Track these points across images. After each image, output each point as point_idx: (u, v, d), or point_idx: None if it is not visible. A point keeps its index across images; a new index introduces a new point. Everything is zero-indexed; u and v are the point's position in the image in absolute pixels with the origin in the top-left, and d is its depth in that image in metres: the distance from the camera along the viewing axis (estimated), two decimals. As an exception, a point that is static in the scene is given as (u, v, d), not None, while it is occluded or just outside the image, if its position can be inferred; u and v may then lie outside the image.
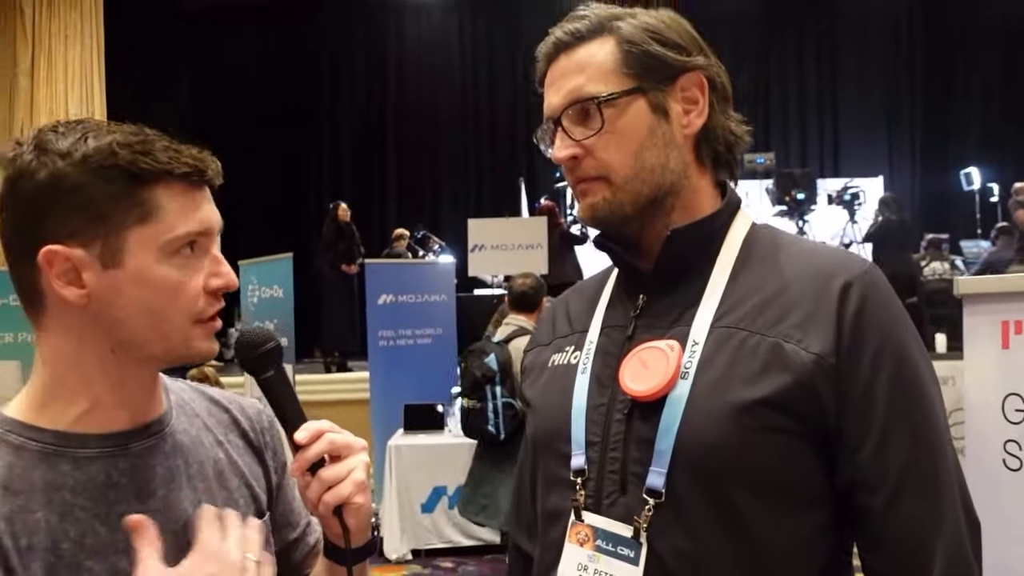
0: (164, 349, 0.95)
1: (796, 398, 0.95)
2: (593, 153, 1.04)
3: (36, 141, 0.92)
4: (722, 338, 0.99)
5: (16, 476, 0.89)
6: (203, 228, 0.95)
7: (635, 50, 1.04)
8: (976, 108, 14.08)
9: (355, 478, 0.95)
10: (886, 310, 0.99)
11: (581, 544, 1.01)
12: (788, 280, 1.01)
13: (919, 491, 0.95)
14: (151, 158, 0.91)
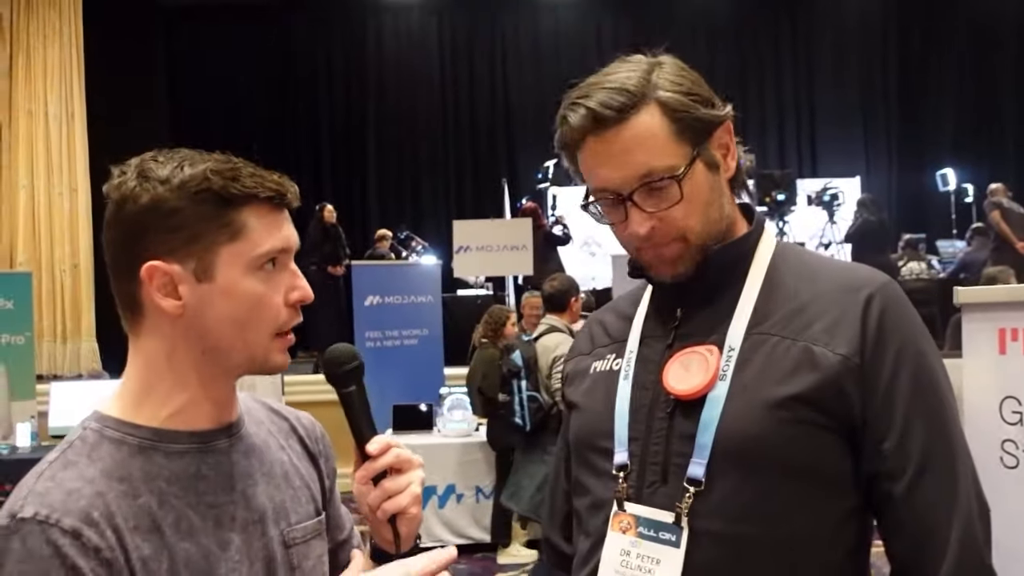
0: (246, 358, 1.04)
1: (825, 394, 1.04)
2: (671, 221, 1.10)
3: (139, 169, 1.02)
4: (756, 344, 1.09)
5: (118, 466, 0.98)
6: (284, 245, 1.05)
7: (683, 116, 1.11)
8: (951, 109, 14.28)
9: (413, 491, 1.04)
10: (904, 318, 1.09)
11: (623, 531, 1.09)
12: (816, 292, 1.11)
13: (936, 479, 1.04)
14: (239, 184, 1.01)
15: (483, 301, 9.57)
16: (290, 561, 1.07)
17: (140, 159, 1.04)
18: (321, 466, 1.20)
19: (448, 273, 8.93)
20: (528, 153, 13.07)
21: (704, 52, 14.21)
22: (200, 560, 0.98)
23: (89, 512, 0.93)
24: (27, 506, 0.92)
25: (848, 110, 14.42)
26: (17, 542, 0.90)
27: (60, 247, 10.43)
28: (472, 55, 13.91)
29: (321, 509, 1.16)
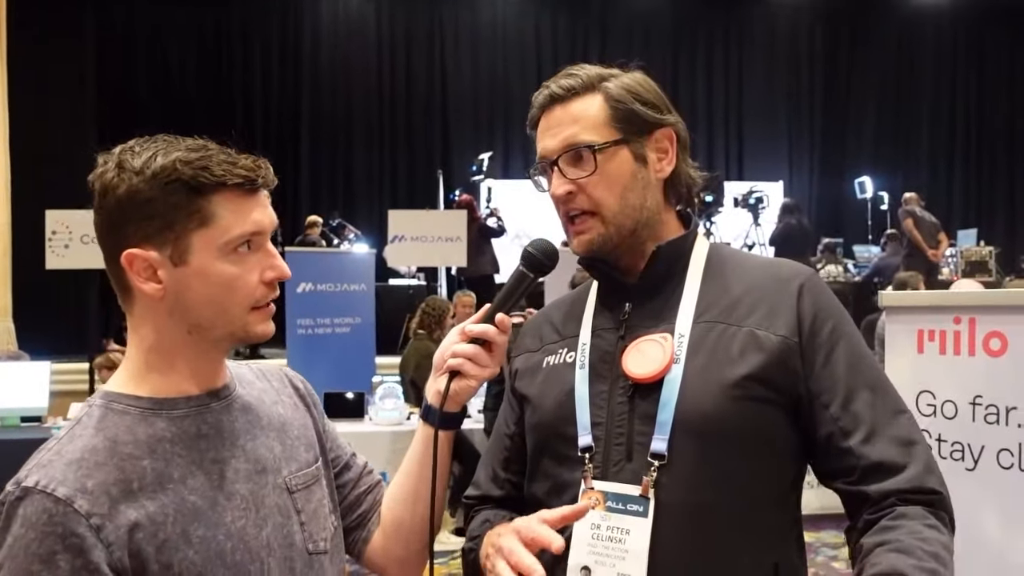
0: (228, 333, 1.12)
1: (772, 372, 1.18)
2: (585, 191, 1.25)
3: (118, 160, 1.09)
4: (704, 331, 1.22)
5: (123, 433, 1.07)
6: (256, 229, 1.11)
7: (621, 107, 1.25)
8: (871, 120, 14.88)
9: (483, 371, 1.24)
10: (831, 302, 1.25)
11: (593, 507, 1.18)
12: (751, 284, 1.25)
13: (889, 424, 1.17)
14: (208, 172, 1.07)
15: (415, 291, 9.60)
16: (294, 505, 1.16)
17: (120, 148, 1.10)
18: (313, 412, 1.30)
19: (380, 262, 8.92)
20: (463, 145, 13.11)
21: (639, 53, 14.26)
22: (207, 510, 1.07)
23: (84, 482, 1.01)
24: (31, 476, 1.01)
25: (774, 117, 14.88)
26: (21, 508, 0.99)
27: (-25, 223, 10.08)
28: (410, 45, 13.84)
29: (319, 455, 1.25)
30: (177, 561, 1.03)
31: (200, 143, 1.11)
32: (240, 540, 1.08)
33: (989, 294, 1.65)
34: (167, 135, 1.12)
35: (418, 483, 1.26)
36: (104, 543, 0.99)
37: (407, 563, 1.31)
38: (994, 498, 1.50)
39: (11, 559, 0.97)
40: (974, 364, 1.54)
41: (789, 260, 1.35)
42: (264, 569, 1.10)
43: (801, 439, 1.21)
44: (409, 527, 1.29)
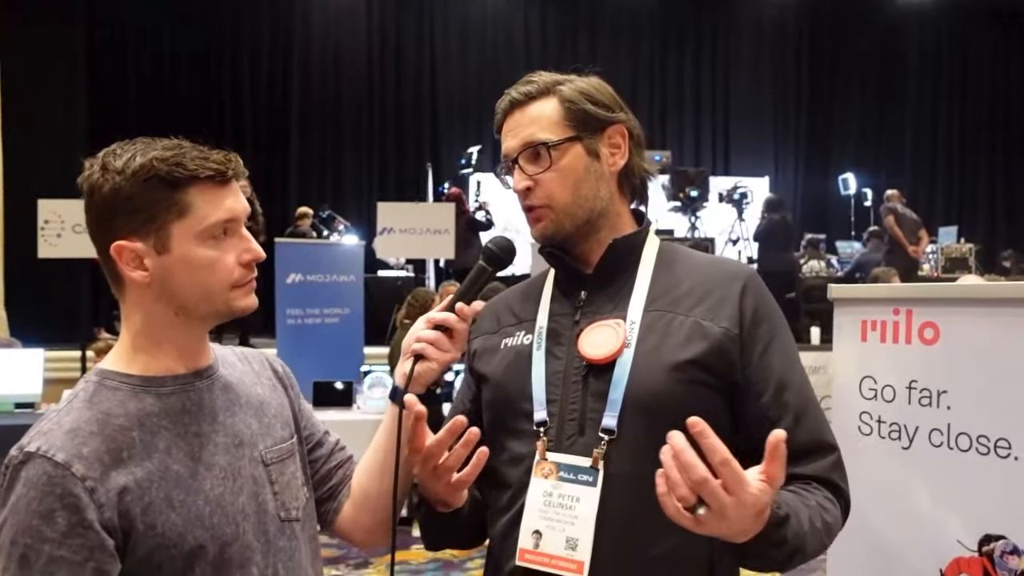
0: (212, 311, 1.24)
1: (713, 359, 1.30)
2: (542, 185, 1.37)
3: (102, 162, 1.21)
4: (654, 318, 1.34)
5: (115, 407, 1.19)
6: (230, 216, 1.23)
7: (574, 108, 1.38)
8: (855, 117, 15.05)
9: (444, 355, 1.36)
10: (769, 302, 1.38)
11: (545, 477, 1.30)
12: (698, 279, 1.38)
13: (809, 414, 1.33)
14: (182, 167, 1.19)
15: (403, 282, 9.70)
16: (268, 476, 1.29)
17: (104, 152, 1.22)
18: (290, 393, 1.42)
19: (369, 254, 9.02)
20: (452, 138, 13.20)
21: (628, 48, 14.58)
22: (188, 478, 1.19)
23: (80, 448, 1.14)
24: (33, 443, 1.14)
25: (761, 113, 15.02)
26: (24, 471, 1.12)
27: (-33, 212, 10.12)
28: (400, 37, 13.89)
29: (294, 432, 1.38)
30: (160, 522, 1.15)
31: (175, 142, 1.22)
32: (218, 505, 1.20)
33: (924, 288, 1.80)
34: (145, 137, 1.23)
35: (386, 458, 1.37)
36: (96, 504, 1.11)
37: (373, 531, 1.42)
38: (926, 474, 1.63)
39: (14, 515, 1.10)
40: (910, 351, 1.67)
41: (733, 259, 1.50)
42: (239, 532, 1.22)
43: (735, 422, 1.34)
44: (376, 498, 1.40)
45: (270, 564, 1.25)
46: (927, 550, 1.61)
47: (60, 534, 1.09)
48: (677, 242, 10.61)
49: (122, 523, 1.13)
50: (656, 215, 11.85)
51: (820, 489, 1.29)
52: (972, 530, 1.55)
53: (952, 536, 1.57)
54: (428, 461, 1.27)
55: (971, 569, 1.54)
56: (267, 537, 1.26)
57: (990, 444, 1.52)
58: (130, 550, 1.13)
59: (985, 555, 1.52)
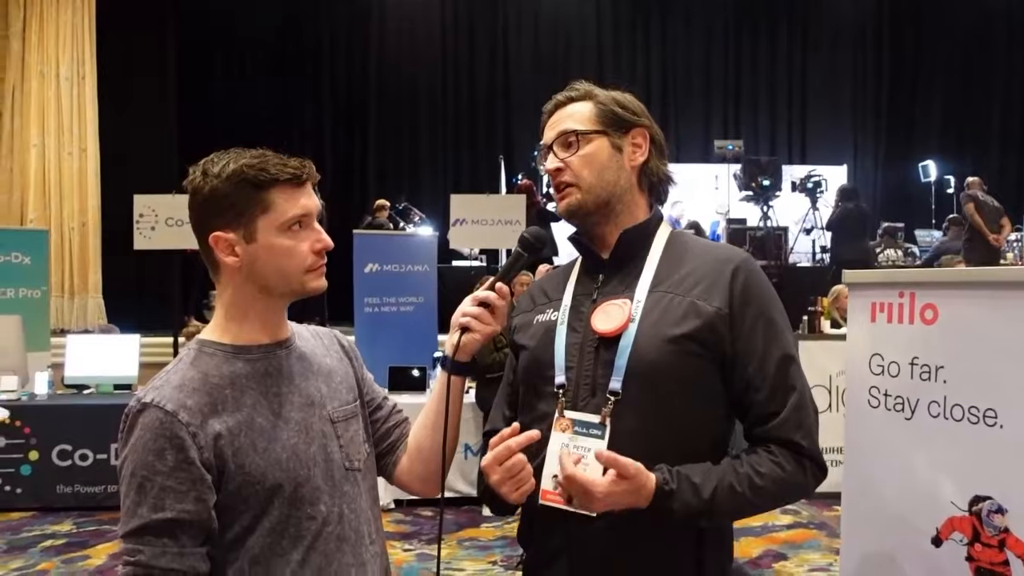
0: (289, 290, 1.49)
1: (704, 333, 1.50)
2: (570, 166, 1.60)
3: (202, 168, 1.47)
4: (657, 299, 1.55)
5: (212, 369, 1.45)
6: (304, 212, 1.47)
7: (605, 108, 1.62)
8: (939, 103, 14.60)
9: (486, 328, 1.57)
10: (758, 283, 1.56)
11: (563, 431, 1.53)
12: (697, 264, 1.58)
13: (783, 385, 1.51)
14: (266, 172, 1.45)
15: (476, 272, 9.94)
16: (335, 432, 1.53)
17: (204, 160, 1.47)
18: (354, 364, 1.67)
19: (443, 244, 9.28)
20: (525, 131, 13.35)
21: (700, 37, 14.52)
22: (270, 429, 1.44)
23: (185, 401, 1.39)
24: (147, 395, 1.41)
25: (838, 99, 14.72)
26: (141, 417, 1.38)
27: (69, 205, 10.77)
28: (473, 31, 14.15)
29: (357, 397, 1.62)
30: (247, 463, 1.40)
31: (260, 152, 1.47)
32: (293, 452, 1.44)
33: (926, 273, 1.92)
34: (237, 148, 1.49)
35: (437, 417, 1.61)
36: (197, 445, 1.36)
37: (428, 481, 1.67)
38: (925, 442, 1.75)
39: (133, 452, 1.36)
40: (913, 331, 1.78)
41: (727, 245, 1.69)
42: (310, 475, 1.46)
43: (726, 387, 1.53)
44: (429, 450, 1.64)
45: (336, 504, 1.49)
46: (925, 510, 1.75)
47: (169, 468, 1.34)
48: (749, 231, 10.68)
49: (217, 462, 1.38)
50: (728, 204, 11.85)
51: (771, 451, 1.49)
52: (964, 492, 1.68)
53: (947, 498, 1.70)
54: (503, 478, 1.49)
55: (962, 527, 1.67)
56: (333, 482, 1.49)
57: (980, 414, 1.65)
58: (223, 485, 1.38)
59: (974, 514, 1.65)
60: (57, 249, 10.38)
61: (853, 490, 2.00)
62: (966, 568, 1.68)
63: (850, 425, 1.99)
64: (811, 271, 10.92)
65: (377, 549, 1.58)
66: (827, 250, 11.22)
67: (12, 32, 10.78)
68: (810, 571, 4.92)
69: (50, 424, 6.16)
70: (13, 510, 6.06)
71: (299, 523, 1.44)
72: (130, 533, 1.35)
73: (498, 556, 5.20)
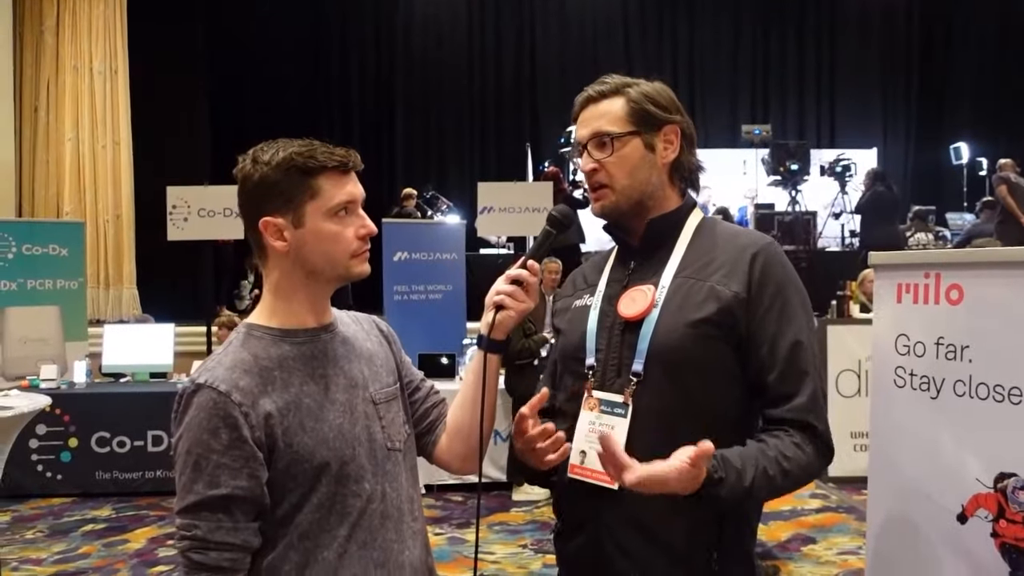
0: (335, 275, 1.53)
1: (723, 317, 1.55)
2: (605, 168, 1.64)
3: (252, 156, 1.51)
4: (680, 284, 1.60)
5: (261, 352, 1.50)
6: (350, 198, 1.51)
7: (637, 108, 1.64)
8: (969, 84, 14.38)
9: (520, 304, 1.59)
10: (777, 267, 1.59)
11: (591, 409, 1.60)
12: (720, 250, 1.62)
13: (795, 368, 1.54)
14: (314, 159, 1.49)
15: (504, 260, 9.98)
16: (377, 413, 1.58)
17: (253, 149, 1.51)
18: (393, 348, 1.71)
19: (471, 232, 9.32)
20: (551, 118, 13.36)
21: (729, 22, 14.41)
22: (317, 409, 1.49)
23: (237, 382, 1.44)
24: (201, 376, 1.46)
25: (868, 82, 14.55)
26: (196, 398, 1.43)
27: (103, 198, 10.93)
28: (500, 19, 14.16)
29: (397, 379, 1.67)
30: (296, 442, 1.45)
31: (307, 141, 1.51)
32: (339, 432, 1.49)
33: (951, 253, 1.93)
34: (283, 139, 1.53)
35: (474, 394, 1.65)
36: (249, 424, 1.41)
37: (467, 459, 1.70)
38: (950, 421, 1.77)
39: (188, 431, 1.42)
40: (938, 311, 1.80)
41: (754, 231, 1.73)
42: (355, 454, 1.50)
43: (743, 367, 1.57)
44: (467, 428, 1.68)
45: (379, 482, 1.53)
46: (950, 488, 1.77)
47: (223, 446, 1.40)
48: (777, 216, 10.62)
49: (268, 441, 1.43)
50: (757, 189, 11.79)
51: (791, 434, 1.52)
52: (989, 469, 1.70)
53: (972, 475, 1.73)
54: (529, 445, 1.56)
55: (988, 503, 1.69)
56: (376, 461, 1.54)
57: (1005, 392, 1.67)
58: (273, 463, 1.43)
59: (999, 491, 1.67)
60: (92, 241, 10.52)
61: (879, 469, 2.02)
62: (991, 544, 1.71)
63: (876, 405, 2.01)
64: (840, 256, 10.85)
65: (418, 527, 1.62)
66: (856, 234, 11.14)
67: (46, 27, 10.95)
68: (839, 554, 4.93)
69: (89, 412, 6.30)
70: (54, 496, 6.22)
71: (345, 500, 1.48)
72: (186, 509, 1.40)
73: (528, 540, 5.26)
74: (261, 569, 1.45)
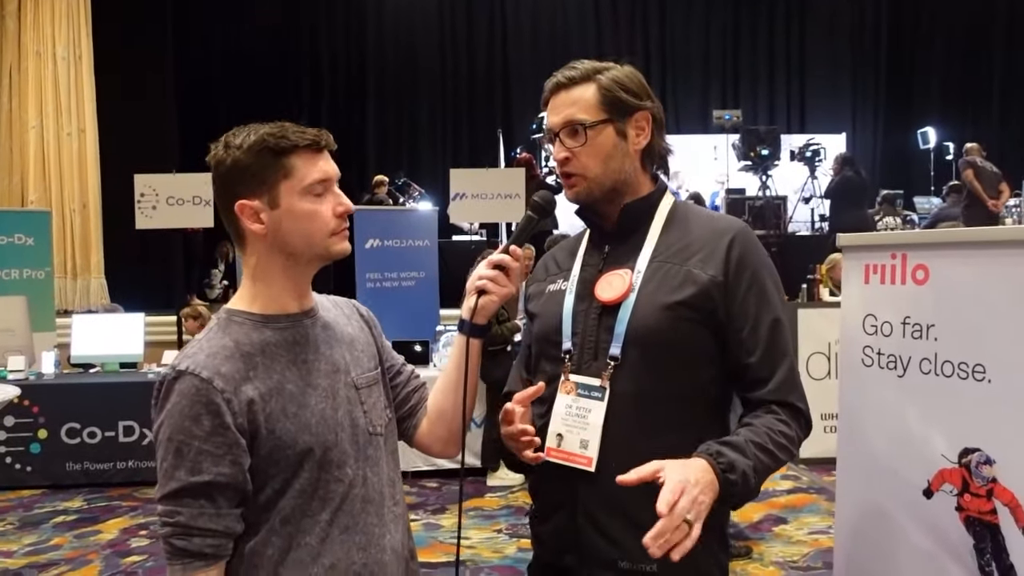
0: (314, 255, 1.52)
1: (699, 300, 1.56)
2: (578, 157, 1.63)
3: (224, 142, 1.50)
4: (656, 268, 1.61)
5: (242, 337, 1.49)
6: (324, 176, 1.50)
7: (609, 95, 1.63)
8: (938, 69, 14.54)
9: (502, 289, 1.60)
10: (753, 251, 1.61)
11: (568, 393, 1.62)
12: (697, 234, 1.63)
13: (775, 349, 1.57)
14: (285, 139, 1.48)
15: (476, 246, 9.97)
16: (359, 398, 1.58)
17: (225, 136, 1.50)
18: (373, 332, 1.71)
19: (444, 219, 9.30)
20: (523, 104, 13.35)
21: (700, 7, 14.45)
22: (299, 395, 1.49)
23: (219, 368, 1.43)
24: (182, 363, 1.44)
25: (838, 67, 14.67)
26: (177, 384, 1.42)
27: (69, 187, 10.79)
28: (471, 5, 14.10)
29: (378, 364, 1.67)
30: (278, 428, 1.44)
31: (279, 123, 1.51)
32: (321, 417, 1.49)
33: (918, 234, 1.97)
34: (255, 123, 1.51)
35: (456, 378, 1.66)
36: (232, 411, 1.40)
37: (448, 443, 1.71)
38: (916, 398, 1.81)
39: (170, 418, 1.40)
40: (905, 291, 1.83)
41: (728, 215, 1.73)
42: (338, 439, 1.50)
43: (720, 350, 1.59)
44: (449, 412, 1.68)
45: (361, 468, 1.53)
46: (917, 464, 1.81)
47: (206, 433, 1.39)
48: (748, 201, 10.71)
49: (250, 427, 1.42)
50: (727, 174, 11.87)
51: (776, 411, 1.55)
52: (954, 445, 1.73)
53: (938, 451, 1.76)
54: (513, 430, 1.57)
55: (952, 478, 1.73)
56: (358, 446, 1.54)
57: (969, 369, 1.70)
58: (256, 449, 1.43)
59: (964, 466, 1.71)
60: (59, 230, 10.39)
61: (847, 447, 2.06)
62: (956, 517, 1.74)
63: (844, 384, 2.04)
64: (810, 240, 10.96)
65: (399, 511, 1.63)
66: (826, 219, 11.25)
67: (7, 12, 10.77)
68: (809, 534, 5.00)
69: (58, 403, 6.22)
70: (24, 488, 6.15)
71: (327, 485, 1.49)
72: (168, 496, 1.40)
73: (503, 525, 5.28)
74: (244, 554, 1.45)
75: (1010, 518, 1.64)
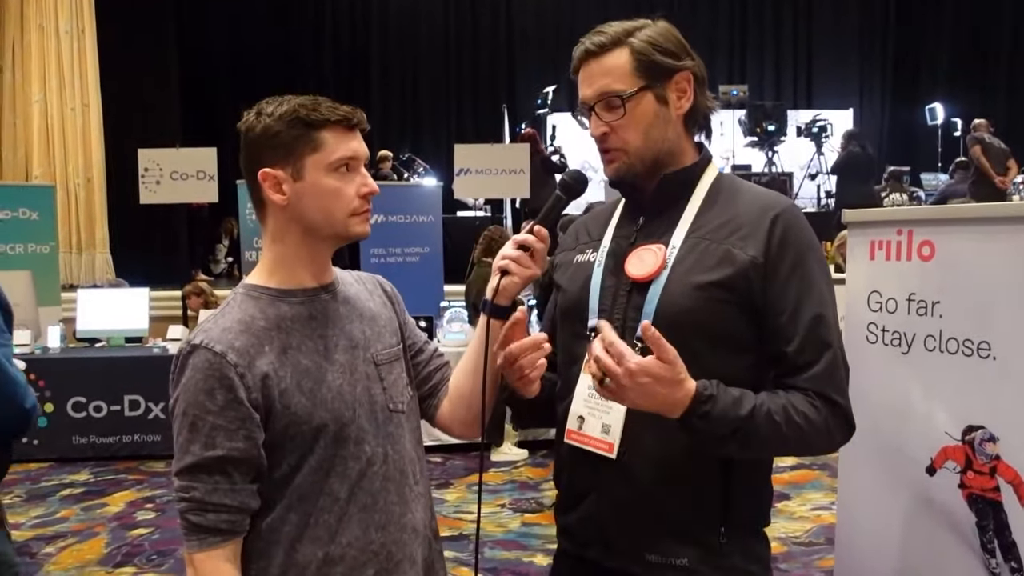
0: (333, 232, 1.49)
1: (736, 282, 1.44)
2: (617, 132, 1.51)
3: (257, 109, 1.48)
4: (692, 245, 1.48)
5: (258, 313, 1.47)
6: (352, 154, 1.47)
7: (644, 59, 1.49)
8: (946, 44, 14.42)
9: (525, 271, 1.53)
10: (798, 232, 1.48)
11: (592, 374, 1.46)
12: (738, 210, 1.50)
13: (817, 335, 1.43)
14: (318, 112, 1.45)
15: (481, 222, 9.95)
16: (379, 374, 1.55)
17: (259, 104, 1.48)
18: (396, 308, 1.68)
19: (448, 194, 9.27)
20: (528, 79, 13.28)
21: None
22: (315, 370, 1.46)
23: (233, 342, 1.41)
24: (197, 337, 1.43)
25: (845, 43, 14.57)
26: (192, 359, 1.41)
27: (74, 161, 10.75)
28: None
29: (400, 340, 1.63)
30: (293, 403, 1.42)
31: (312, 96, 1.48)
32: (338, 393, 1.46)
33: (923, 210, 1.95)
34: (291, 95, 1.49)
35: (478, 360, 1.60)
36: (245, 386, 1.39)
37: (469, 424, 1.67)
38: (921, 375, 1.80)
39: (185, 392, 1.40)
40: (911, 267, 1.82)
41: (775, 192, 1.59)
42: (355, 416, 1.48)
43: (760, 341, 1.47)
44: (470, 393, 1.64)
45: (380, 444, 1.51)
46: (920, 441, 1.81)
47: (219, 407, 1.38)
48: (753, 177, 10.67)
49: (264, 402, 1.41)
50: (733, 150, 11.82)
51: (811, 397, 1.42)
52: (957, 422, 1.73)
53: (941, 428, 1.76)
54: (509, 358, 1.50)
55: (955, 455, 1.73)
56: (377, 423, 1.51)
57: (974, 347, 1.69)
58: (270, 424, 1.41)
59: (967, 443, 1.71)
60: (63, 205, 10.36)
61: (851, 424, 2.04)
62: (958, 495, 1.74)
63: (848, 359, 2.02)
64: (816, 216, 10.90)
65: (421, 489, 1.60)
66: (832, 195, 11.21)
67: (10, -15, 10.69)
68: (812, 510, 5.02)
69: (64, 377, 6.26)
70: (31, 461, 6.19)
71: (344, 462, 1.47)
72: (183, 470, 1.39)
73: (507, 499, 5.31)
74: (261, 531, 1.44)
75: (1013, 496, 1.64)
